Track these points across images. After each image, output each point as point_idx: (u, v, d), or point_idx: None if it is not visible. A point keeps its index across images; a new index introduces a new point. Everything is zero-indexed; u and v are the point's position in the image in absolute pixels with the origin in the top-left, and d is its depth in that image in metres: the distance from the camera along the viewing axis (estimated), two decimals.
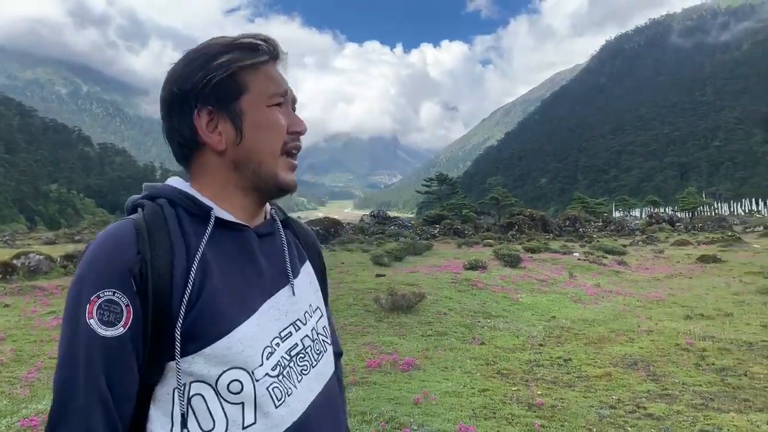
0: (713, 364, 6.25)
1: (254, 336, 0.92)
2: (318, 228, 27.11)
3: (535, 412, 4.80)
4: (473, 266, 13.43)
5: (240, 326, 0.90)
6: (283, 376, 0.95)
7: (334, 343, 1.24)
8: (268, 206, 1.10)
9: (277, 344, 0.96)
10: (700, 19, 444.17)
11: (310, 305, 1.08)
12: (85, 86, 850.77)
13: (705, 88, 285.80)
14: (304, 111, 1.06)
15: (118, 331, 0.85)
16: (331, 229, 28.09)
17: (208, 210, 0.96)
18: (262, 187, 1.00)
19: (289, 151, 1.01)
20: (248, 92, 0.98)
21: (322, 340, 1.08)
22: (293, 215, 1.22)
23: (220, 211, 0.97)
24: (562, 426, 4.48)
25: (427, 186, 65.99)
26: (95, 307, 0.84)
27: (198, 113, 0.96)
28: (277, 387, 0.93)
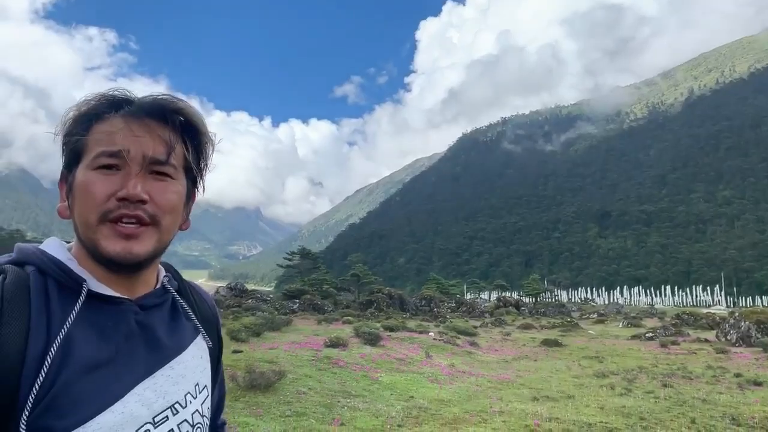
0: None
1: (115, 426, 0.80)
2: None
3: None
4: (334, 344, 13.32)
5: (98, 416, 0.78)
6: None
7: (220, 410, 1.18)
8: (162, 272, 1.00)
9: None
10: (533, 126, 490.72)
11: (197, 384, 0.97)
12: None
13: (547, 184, 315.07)
14: None
15: None
16: None
17: (80, 282, 0.85)
18: (96, 260, 0.88)
19: (116, 219, 0.85)
20: (85, 154, 0.88)
21: (206, 422, 0.98)
22: None
23: (96, 284, 0.86)
24: None
25: (289, 259, 65.25)
26: None
27: (62, 179, 0.92)
28: None
